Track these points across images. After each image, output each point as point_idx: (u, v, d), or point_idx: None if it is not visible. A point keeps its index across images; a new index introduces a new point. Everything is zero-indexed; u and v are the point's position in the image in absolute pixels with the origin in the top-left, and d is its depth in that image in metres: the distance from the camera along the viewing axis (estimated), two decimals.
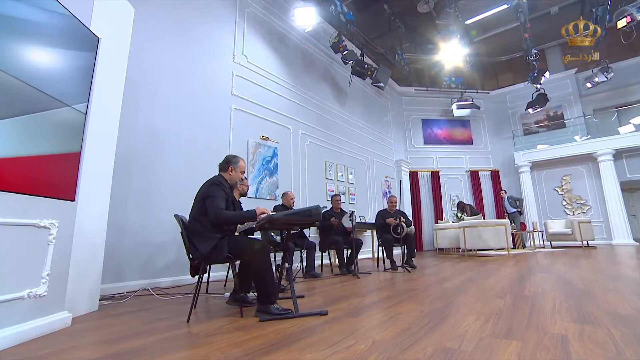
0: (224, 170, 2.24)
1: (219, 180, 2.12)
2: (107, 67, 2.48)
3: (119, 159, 3.43)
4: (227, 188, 2.17)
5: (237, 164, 2.25)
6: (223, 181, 2.15)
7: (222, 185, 2.10)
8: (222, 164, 2.25)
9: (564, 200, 9.55)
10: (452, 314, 1.85)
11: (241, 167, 2.28)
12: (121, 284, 3.19)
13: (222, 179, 2.18)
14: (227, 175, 2.24)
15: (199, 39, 4.53)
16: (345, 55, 6.30)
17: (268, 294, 2.01)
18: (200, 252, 1.99)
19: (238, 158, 2.28)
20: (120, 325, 1.87)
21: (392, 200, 4.96)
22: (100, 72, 2.38)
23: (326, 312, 2.00)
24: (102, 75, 2.41)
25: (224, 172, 2.24)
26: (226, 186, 2.14)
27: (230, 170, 2.23)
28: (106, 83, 2.49)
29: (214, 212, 1.98)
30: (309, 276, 3.99)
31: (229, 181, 2.24)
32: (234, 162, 2.24)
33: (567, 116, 9.90)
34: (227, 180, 2.24)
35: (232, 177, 2.24)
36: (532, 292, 2.41)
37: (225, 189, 2.11)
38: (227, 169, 2.23)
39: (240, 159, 2.29)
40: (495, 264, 4.79)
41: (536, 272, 3.63)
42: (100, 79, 2.39)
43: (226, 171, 2.23)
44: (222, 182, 2.12)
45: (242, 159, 2.32)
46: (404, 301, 2.28)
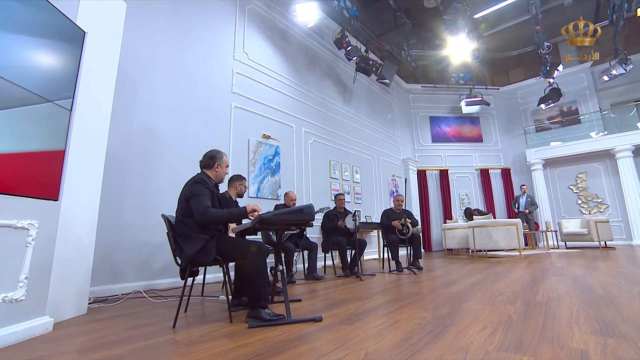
0: (207, 168, 2.13)
1: (201, 178, 2.01)
2: (96, 63, 2.41)
3: (114, 158, 3.39)
4: (212, 186, 2.06)
5: (221, 160, 2.14)
6: (206, 179, 2.04)
7: (205, 183, 1.99)
8: (204, 160, 2.13)
9: (579, 198, 9.17)
10: (457, 322, 1.69)
11: (225, 162, 2.17)
12: (117, 286, 3.12)
13: (205, 177, 2.07)
14: (213, 173, 2.12)
15: (198, 37, 4.46)
16: (349, 51, 6.15)
17: (259, 298, 1.89)
18: (186, 255, 1.88)
19: (222, 153, 2.17)
20: (103, 331, 1.78)
21: (399, 199, 4.79)
22: (88, 68, 2.31)
23: (320, 318, 1.87)
24: (90, 71, 2.34)
25: (208, 169, 2.13)
26: (210, 184, 2.03)
27: (216, 167, 2.12)
28: (95, 79, 2.42)
29: (200, 212, 1.87)
30: (310, 278, 3.86)
31: (214, 178, 2.13)
32: (218, 158, 2.13)
33: (582, 111, 9.50)
34: (213, 177, 2.13)
35: (218, 173, 2.13)
36: (546, 297, 2.22)
37: (209, 186, 2.00)
38: (213, 165, 2.12)
39: (223, 153, 2.18)
40: (506, 265, 4.57)
41: (550, 274, 3.41)
42: (89, 75, 2.32)
43: (211, 168, 2.12)
44: (205, 180, 2.01)
45: (225, 153, 2.20)
46: (406, 306, 2.13)
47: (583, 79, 9.59)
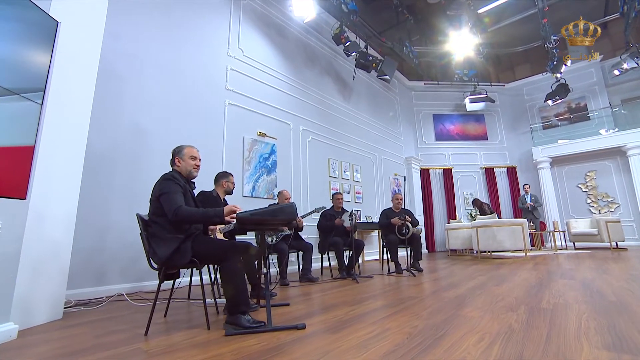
0: (173, 165, 2.02)
1: (171, 175, 1.89)
2: (73, 56, 2.30)
3: (100, 156, 3.29)
4: (183, 182, 1.94)
5: (181, 152, 2.00)
6: (177, 175, 1.92)
7: (176, 180, 1.86)
8: (171, 160, 2.03)
9: (589, 197, 8.87)
10: (451, 331, 1.54)
11: (188, 153, 2.01)
12: (102, 288, 3.02)
13: (176, 173, 1.95)
14: (177, 169, 2.00)
15: (191, 33, 4.35)
16: (347, 47, 5.99)
17: (238, 304, 1.76)
18: (158, 257, 1.76)
19: (182, 146, 2.03)
20: (70, 339, 1.66)
21: (398, 198, 4.62)
22: (63, 60, 2.20)
23: (303, 325, 1.73)
24: (66, 64, 2.23)
25: (173, 166, 2.01)
26: (181, 180, 1.91)
27: (177, 162, 1.99)
28: (73, 72, 2.31)
29: (172, 210, 1.75)
30: (304, 280, 3.72)
31: (183, 174, 2.00)
32: (177, 152, 2.00)
33: (592, 107, 9.20)
34: (181, 173, 2.00)
35: (181, 167, 1.99)
36: (552, 303, 2.05)
37: (181, 182, 1.88)
38: (174, 162, 2.00)
39: (185, 145, 2.04)
40: (511, 267, 4.37)
41: (557, 277, 3.22)
42: (65, 67, 2.22)
43: (175, 165, 2.00)
44: (175, 177, 1.89)
45: (189, 145, 2.07)
46: (398, 313, 1.98)
47: (592, 74, 9.29)
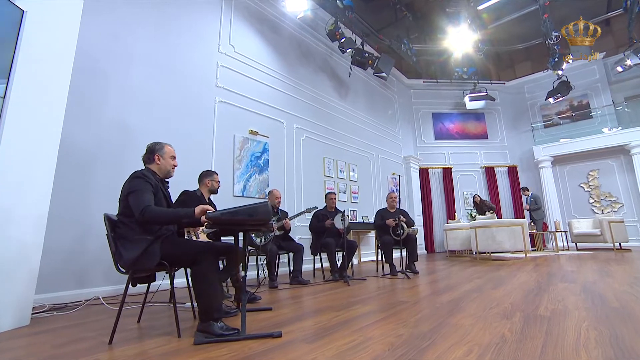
0: (149, 162, 1.89)
1: (141, 173, 1.77)
2: (44, 47, 2.19)
3: (84, 154, 3.18)
4: (156, 180, 1.82)
5: (162, 150, 1.89)
6: (148, 173, 1.80)
7: (146, 178, 1.74)
8: (145, 155, 1.91)
9: (591, 197, 8.70)
10: (438, 342, 1.40)
11: (169, 153, 1.91)
12: (83, 291, 2.90)
13: (148, 172, 1.83)
14: (155, 166, 1.89)
15: (180, 28, 4.23)
16: (342, 43, 5.86)
17: (210, 310, 1.64)
18: (124, 259, 1.64)
19: (162, 143, 1.93)
20: (26, 349, 1.54)
21: (392, 197, 4.49)
22: (33, 52, 2.09)
23: (279, 333, 1.60)
24: (37, 56, 2.12)
25: (150, 163, 1.89)
26: (153, 179, 1.79)
27: (157, 160, 1.88)
28: (45, 66, 2.19)
29: (139, 209, 1.63)
30: (295, 283, 3.59)
31: (159, 172, 1.89)
32: (158, 149, 1.89)
33: (594, 105, 9.02)
34: (157, 171, 1.89)
35: (161, 166, 1.89)
36: (550, 310, 1.91)
37: (152, 181, 1.76)
38: (153, 159, 1.88)
39: (164, 143, 1.93)
40: (510, 269, 4.23)
41: (557, 280, 3.07)
42: (35, 60, 2.10)
43: (153, 162, 1.88)
44: (146, 175, 1.77)
45: (168, 143, 1.96)
46: (385, 319, 1.85)
47: (595, 71, 9.11)
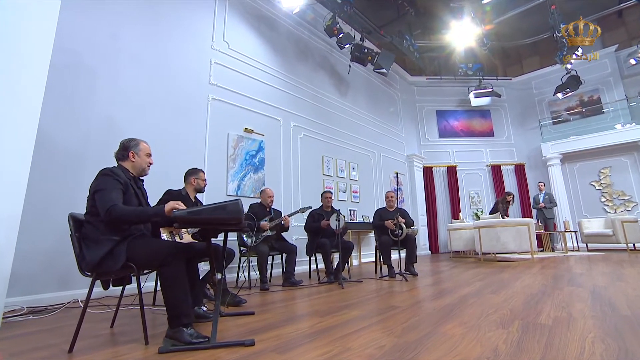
0: (123, 159, 1.80)
1: (110, 170, 1.66)
2: (17, 41, 2.11)
3: (71, 153, 3.10)
4: (127, 178, 1.72)
5: (137, 147, 1.79)
6: (118, 171, 1.70)
7: (115, 175, 1.64)
8: (118, 152, 1.81)
9: (603, 196, 8.37)
10: (422, 355, 1.26)
11: (144, 150, 1.83)
12: (66, 293, 2.82)
13: (118, 169, 1.73)
14: (129, 164, 1.79)
15: (171, 24, 4.15)
16: (340, 39, 5.72)
17: (179, 315, 1.52)
18: (86, 261, 1.53)
19: (137, 140, 1.83)
20: None
21: (389, 196, 4.35)
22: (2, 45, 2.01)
23: (252, 342, 1.48)
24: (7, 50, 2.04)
25: (124, 160, 1.79)
26: (122, 176, 1.68)
27: (131, 157, 1.78)
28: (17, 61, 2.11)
29: (104, 208, 1.52)
30: (287, 284, 3.47)
31: (132, 170, 1.79)
32: (133, 146, 1.79)
33: (606, 100, 8.68)
34: (131, 169, 1.79)
35: (135, 163, 1.79)
36: (552, 318, 1.74)
37: (121, 179, 1.65)
38: (127, 156, 1.78)
39: (140, 140, 1.83)
40: (515, 271, 4.03)
41: (563, 284, 2.88)
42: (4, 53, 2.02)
43: (127, 159, 1.78)
44: (115, 172, 1.67)
45: (143, 140, 1.86)
46: (370, 327, 1.71)
47: (606, 65, 8.77)
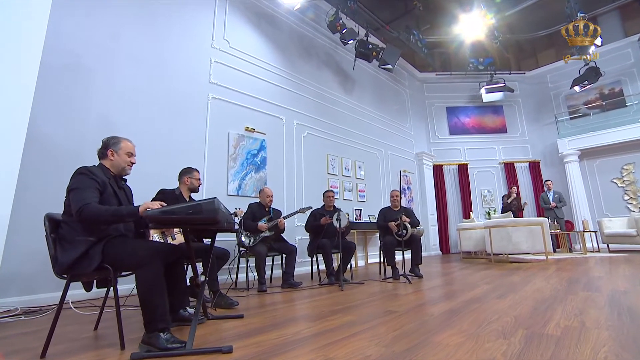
0: (102, 157, 1.75)
1: (86, 169, 1.61)
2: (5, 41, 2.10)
3: (67, 153, 3.10)
4: (106, 177, 1.66)
5: (117, 145, 1.74)
6: (96, 170, 1.65)
7: (91, 175, 1.59)
8: (99, 150, 1.77)
9: (626, 194, 7.92)
10: None
11: (125, 148, 1.76)
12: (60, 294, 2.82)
13: (96, 168, 1.69)
14: (109, 162, 1.74)
15: (170, 23, 4.13)
16: (343, 35, 5.59)
17: (155, 320, 1.46)
18: (59, 262, 1.48)
19: (118, 138, 1.78)
20: None
21: (394, 195, 4.19)
22: None
23: (229, 349, 1.39)
24: None
25: (103, 159, 1.75)
26: (100, 175, 1.63)
27: (110, 155, 1.73)
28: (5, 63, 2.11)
29: (76, 208, 1.47)
30: (286, 286, 3.38)
31: (112, 169, 1.74)
32: (112, 144, 1.74)
33: (629, 92, 8.21)
34: (110, 167, 1.74)
35: (114, 162, 1.74)
36: (562, 327, 1.58)
37: (97, 178, 1.60)
38: (106, 154, 1.73)
39: (122, 138, 1.78)
40: (527, 273, 3.81)
41: (578, 289, 2.67)
42: None
43: (106, 157, 1.73)
44: (92, 171, 1.61)
45: (126, 138, 1.80)
46: (358, 334, 1.59)
47: (629, 55, 8.29)
